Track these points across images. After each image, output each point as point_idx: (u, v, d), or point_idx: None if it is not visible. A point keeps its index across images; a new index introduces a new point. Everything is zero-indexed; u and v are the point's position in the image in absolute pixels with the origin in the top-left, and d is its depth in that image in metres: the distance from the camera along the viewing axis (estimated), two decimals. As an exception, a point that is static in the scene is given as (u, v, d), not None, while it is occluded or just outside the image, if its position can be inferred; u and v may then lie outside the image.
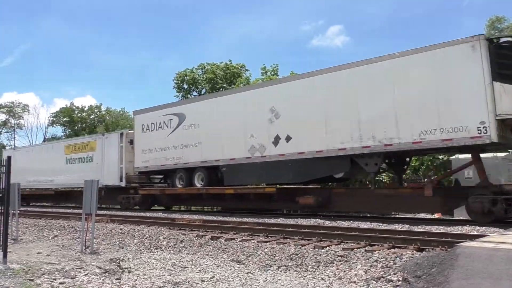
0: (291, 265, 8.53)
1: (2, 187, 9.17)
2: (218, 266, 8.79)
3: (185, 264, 9.13)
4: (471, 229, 10.75)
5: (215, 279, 7.54)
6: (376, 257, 8.26)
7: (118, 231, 13.74)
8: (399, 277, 6.96)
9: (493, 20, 39.24)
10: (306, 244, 9.78)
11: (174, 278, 7.63)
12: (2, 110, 56.45)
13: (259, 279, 7.54)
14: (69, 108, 55.40)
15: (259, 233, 11.55)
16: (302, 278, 7.65)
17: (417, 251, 8.59)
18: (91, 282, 7.20)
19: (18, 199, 13.70)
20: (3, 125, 57.76)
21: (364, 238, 9.76)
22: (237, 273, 8.03)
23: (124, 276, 7.83)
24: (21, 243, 13.29)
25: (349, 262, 8.29)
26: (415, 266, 7.26)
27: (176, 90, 43.75)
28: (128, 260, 9.66)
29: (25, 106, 57.35)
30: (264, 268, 8.54)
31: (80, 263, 9.31)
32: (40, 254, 10.80)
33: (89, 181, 11.32)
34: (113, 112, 56.33)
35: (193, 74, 43.17)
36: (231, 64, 43.68)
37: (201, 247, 10.88)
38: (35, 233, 15.56)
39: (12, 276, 7.53)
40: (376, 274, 7.35)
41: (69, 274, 7.83)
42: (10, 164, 8.98)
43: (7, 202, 8.93)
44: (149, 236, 12.60)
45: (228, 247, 10.40)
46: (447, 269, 5.99)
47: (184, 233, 12.53)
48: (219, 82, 42.70)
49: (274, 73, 44.16)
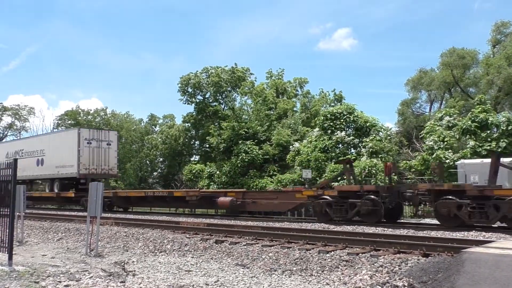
0: (295, 270, 8.50)
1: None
2: (223, 270, 8.77)
3: (189, 267, 9.12)
4: (477, 234, 10.70)
5: (220, 283, 7.53)
6: (381, 262, 8.23)
7: (123, 234, 13.76)
8: (405, 283, 6.92)
9: (498, 25, 39.14)
10: (310, 249, 9.75)
11: (179, 281, 7.63)
12: (8, 112, 56.71)
13: (264, 283, 7.52)
14: (74, 111, 55.57)
15: (263, 237, 11.53)
16: (307, 283, 7.62)
17: (423, 256, 8.55)
18: (96, 285, 7.20)
19: (23, 201, 13.74)
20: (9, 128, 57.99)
21: (369, 243, 9.72)
22: (242, 277, 8.01)
23: (129, 279, 7.83)
24: (26, 245, 13.32)
25: (354, 267, 8.26)
26: (421, 271, 7.22)
27: (180, 94, 43.94)
28: (132, 263, 9.67)
29: (31, 109, 57.61)
30: (269, 272, 8.52)
31: (85, 265, 9.32)
32: (45, 257, 10.82)
33: (94, 183, 11.33)
34: (118, 115, 56.47)
35: (197, 78, 43.29)
36: (237, 68, 43.78)
37: (205, 250, 10.87)
38: (40, 235, 15.60)
39: (17, 278, 7.54)
40: (381, 280, 7.31)
41: (74, 276, 7.84)
42: (17, 166, 9.01)
43: (12, 205, 8.96)
44: (154, 239, 12.61)
45: (233, 251, 10.38)
46: (453, 275, 5.95)
47: (188, 237, 12.53)
48: (223, 85, 42.80)
49: (280, 78, 44.34)
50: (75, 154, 26.06)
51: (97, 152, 26.76)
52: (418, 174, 24.74)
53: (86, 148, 26.23)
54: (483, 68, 37.94)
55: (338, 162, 22.67)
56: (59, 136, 29.14)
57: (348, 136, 28.36)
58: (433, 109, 42.96)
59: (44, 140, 30.07)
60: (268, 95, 38.10)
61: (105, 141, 27.18)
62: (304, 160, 27.37)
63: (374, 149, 26.43)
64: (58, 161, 27.37)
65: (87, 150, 26.23)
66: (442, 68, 40.52)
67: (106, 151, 27.15)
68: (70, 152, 26.46)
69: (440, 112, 28.71)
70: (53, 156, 27.88)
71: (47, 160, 28.48)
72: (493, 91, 36.92)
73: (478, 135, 23.65)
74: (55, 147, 28.11)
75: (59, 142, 27.93)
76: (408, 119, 41.03)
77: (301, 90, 45.74)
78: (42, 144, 29.60)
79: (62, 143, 27.46)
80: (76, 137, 26.23)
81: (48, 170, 28.32)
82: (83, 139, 26.07)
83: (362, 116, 29.32)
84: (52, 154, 28.05)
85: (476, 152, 22.74)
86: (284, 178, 28.00)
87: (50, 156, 28.24)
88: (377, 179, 23.44)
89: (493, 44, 40.01)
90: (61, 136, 28.78)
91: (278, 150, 32.33)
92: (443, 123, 25.97)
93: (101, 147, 26.92)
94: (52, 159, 27.92)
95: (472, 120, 23.96)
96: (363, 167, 23.81)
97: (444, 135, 24.63)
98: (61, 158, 27.14)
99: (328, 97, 41.61)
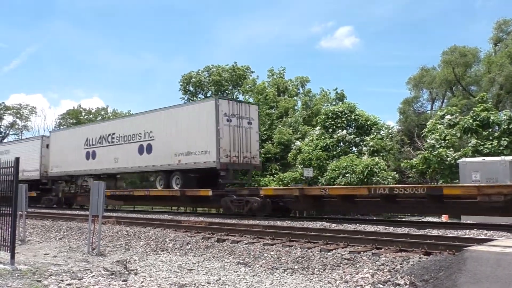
0: (297, 268, 8.51)
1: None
2: (224, 269, 8.79)
3: (191, 266, 9.14)
4: (478, 233, 10.68)
5: (221, 282, 7.54)
6: (383, 261, 8.23)
7: (125, 233, 13.78)
8: (406, 281, 6.92)
9: (500, 23, 39.07)
10: (312, 247, 9.76)
11: (180, 280, 7.65)
12: (9, 112, 56.82)
13: (266, 282, 7.53)
14: (76, 110, 55.75)
15: (265, 236, 11.54)
16: (309, 281, 7.63)
17: (424, 254, 8.54)
18: (98, 284, 7.22)
19: (25, 200, 13.77)
20: (11, 127, 58.15)
21: (371, 241, 9.72)
22: (243, 276, 8.03)
23: (131, 278, 7.85)
24: (28, 244, 13.36)
25: (355, 265, 8.26)
26: (423, 270, 7.22)
27: (182, 93, 43.96)
28: (134, 262, 9.69)
29: (32, 108, 57.77)
30: (270, 270, 8.53)
31: (87, 264, 9.34)
32: (47, 255, 10.85)
33: (96, 183, 11.36)
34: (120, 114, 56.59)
35: (199, 76, 43.31)
36: (237, 67, 43.78)
37: (207, 249, 10.88)
38: (42, 234, 15.63)
39: (19, 277, 7.56)
40: (383, 278, 7.32)
41: (76, 275, 7.86)
42: (18, 165, 9.02)
43: (14, 204, 8.98)
44: (155, 238, 12.63)
45: (234, 250, 10.40)
46: (454, 273, 5.95)
47: (190, 235, 12.55)
48: (224, 84, 42.81)
49: (281, 76, 44.30)
50: (212, 135, 18.46)
51: (238, 133, 19.30)
52: (420, 173, 24.74)
53: (226, 127, 18.72)
54: (485, 66, 37.90)
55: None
56: (182, 111, 20.51)
57: (349, 135, 28.36)
58: (435, 108, 42.97)
59: (152, 119, 21.64)
60: (269, 93, 38.09)
61: (246, 118, 19.77)
62: (306, 159, 27.37)
63: (376, 147, 26.43)
64: (180, 146, 19.74)
65: (227, 130, 18.71)
66: (443, 67, 40.46)
67: (248, 132, 19.73)
68: (202, 133, 18.95)
69: (442, 110, 28.66)
70: (170, 140, 20.22)
71: (159, 145, 20.87)
72: (494, 89, 36.87)
73: (479, 134, 23.62)
74: (175, 126, 20.28)
75: (182, 119, 20.09)
76: (409, 117, 41.01)
77: (303, 88, 45.73)
78: (148, 124, 21.69)
79: (190, 120, 19.64)
80: (213, 111, 18.58)
81: (159, 160, 20.74)
82: (222, 114, 18.58)
83: (363, 115, 29.31)
84: (168, 137, 20.39)
85: (478, 151, 22.71)
86: (286, 176, 28.00)
87: (165, 140, 20.55)
88: (378, 177, 23.45)
89: (494, 42, 39.96)
90: (187, 111, 20.30)
91: (280, 148, 32.33)
92: (444, 122, 25.93)
93: (241, 126, 19.47)
94: (169, 144, 20.26)
95: (474, 118, 23.93)
96: (365, 166, 23.80)
97: (446, 133, 24.60)
98: (186, 142, 19.55)
99: (329, 96, 41.60)
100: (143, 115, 22.73)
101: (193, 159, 19.11)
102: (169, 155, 20.01)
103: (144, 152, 21.50)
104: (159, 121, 21.06)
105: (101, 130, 24.81)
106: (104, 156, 24.05)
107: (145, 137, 21.55)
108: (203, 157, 18.71)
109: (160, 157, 20.52)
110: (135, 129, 22.22)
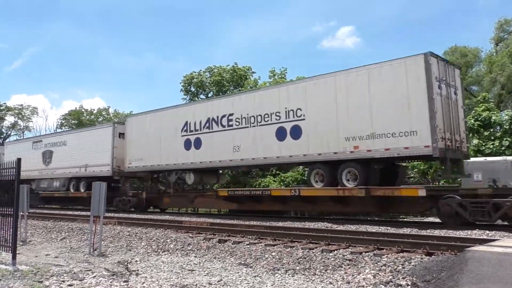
0: (299, 269, 8.50)
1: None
2: (226, 269, 8.78)
3: (192, 267, 9.13)
4: (480, 233, 10.66)
5: (223, 282, 7.53)
6: (384, 261, 8.22)
7: (126, 234, 13.79)
8: (408, 282, 6.91)
9: (501, 23, 39.02)
10: (314, 248, 9.75)
11: (182, 281, 7.64)
12: (11, 112, 56.94)
13: (267, 283, 7.52)
14: (78, 111, 55.85)
15: (266, 237, 11.53)
16: (310, 282, 7.62)
17: (426, 255, 8.53)
18: (99, 284, 7.22)
19: (27, 201, 13.78)
20: (12, 128, 58.25)
21: (373, 242, 9.71)
22: (245, 277, 8.02)
23: (132, 278, 7.85)
24: (30, 245, 13.37)
25: (357, 266, 8.25)
26: (424, 270, 7.20)
27: (183, 93, 43.95)
28: (135, 263, 9.69)
29: (34, 109, 57.90)
30: (272, 271, 8.52)
31: (88, 265, 9.34)
32: (49, 256, 10.86)
33: (97, 183, 11.34)
34: (121, 114, 56.70)
35: (200, 77, 43.31)
36: (238, 67, 43.76)
37: (208, 250, 10.88)
38: (43, 235, 15.65)
39: (21, 278, 7.57)
40: (384, 279, 7.31)
41: (77, 276, 7.86)
42: (20, 165, 9.03)
43: (16, 204, 8.99)
44: (157, 238, 12.63)
45: (236, 250, 10.39)
46: (456, 274, 5.94)
47: (191, 236, 12.55)
48: (225, 85, 42.80)
49: (282, 77, 44.22)
50: (422, 109, 13.19)
51: (449, 106, 14.03)
52: (421, 173, 24.69)
53: (438, 97, 13.41)
54: (486, 66, 37.86)
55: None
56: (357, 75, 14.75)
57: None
58: (436, 108, 42.81)
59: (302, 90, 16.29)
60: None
61: (453, 87, 14.46)
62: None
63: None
64: (358, 126, 14.53)
65: (439, 101, 13.43)
66: (445, 66, 40.38)
67: (456, 105, 14.46)
68: (402, 105, 13.59)
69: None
70: (337, 119, 15.04)
71: (312, 127, 15.79)
72: (496, 89, 36.84)
73: (481, 134, 23.58)
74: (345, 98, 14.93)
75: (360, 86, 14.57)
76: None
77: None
78: (293, 98, 16.47)
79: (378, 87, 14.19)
80: (422, 72, 13.29)
81: (315, 147, 15.62)
82: (433, 78, 13.26)
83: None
84: (332, 115, 15.17)
85: (479, 151, 22.68)
86: (287, 177, 27.95)
87: (325, 119, 15.41)
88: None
89: (496, 42, 39.92)
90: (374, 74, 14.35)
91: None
92: (446, 122, 25.86)
93: (450, 97, 14.19)
94: (332, 125, 15.14)
95: (475, 118, 23.89)
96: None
97: (447, 133, 24.54)
98: (370, 119, 14.26)
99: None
100: (285, 86, 17.58)
101: (384, 143, 13.87)
102: (335, 140, 15.06)
103: (288, 137, 16.42)
104: (312, 92, 15.91)
105: (209, 110, 19.48)
106: (216, 144, 18.95)
107: (288, 117, 16.52)
108: (404, 140, 13.45)
109: (316, 144, 15.60)
110: (270, 107, 17.08)
